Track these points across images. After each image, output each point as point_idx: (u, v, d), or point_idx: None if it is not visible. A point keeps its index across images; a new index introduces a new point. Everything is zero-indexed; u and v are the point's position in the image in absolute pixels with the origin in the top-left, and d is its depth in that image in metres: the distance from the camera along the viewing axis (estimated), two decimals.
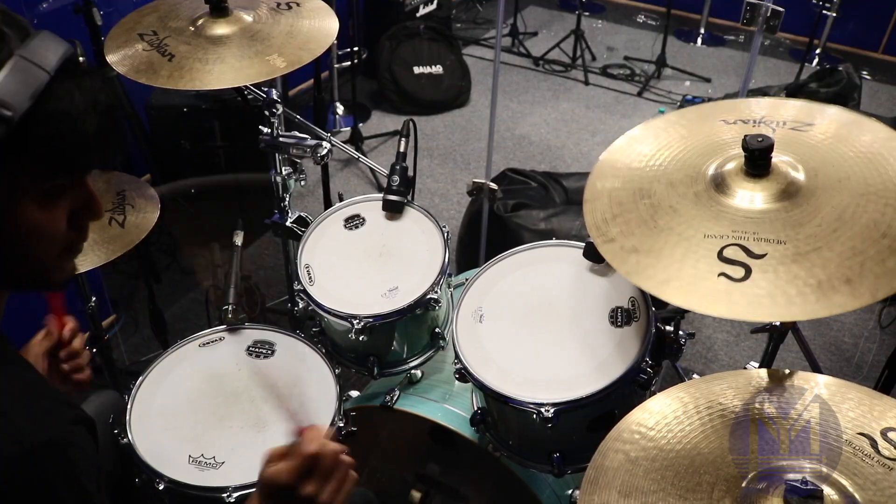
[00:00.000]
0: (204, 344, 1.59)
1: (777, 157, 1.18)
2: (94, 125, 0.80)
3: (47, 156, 0.79)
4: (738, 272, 1.07)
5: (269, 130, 1.88)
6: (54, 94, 0.77)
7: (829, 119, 1.29)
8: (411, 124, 1.82)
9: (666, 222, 1.18)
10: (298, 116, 2.18)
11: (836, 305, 1.00)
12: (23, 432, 0.79)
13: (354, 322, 1.55)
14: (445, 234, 1.67)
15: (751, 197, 1.16)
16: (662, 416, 1.06)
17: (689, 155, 1.28)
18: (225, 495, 1.30)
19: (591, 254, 1.48)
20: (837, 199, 1.13)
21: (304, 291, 1.61)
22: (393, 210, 1.73)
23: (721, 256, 1.10)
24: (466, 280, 1.58)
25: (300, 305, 1.64)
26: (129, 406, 1.44)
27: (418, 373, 1.76)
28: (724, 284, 1.07)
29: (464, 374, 1.42)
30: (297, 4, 1.78)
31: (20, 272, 0.87)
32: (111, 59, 1.63)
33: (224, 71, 1.59)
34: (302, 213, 2.05)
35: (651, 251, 1.15)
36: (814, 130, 1.26)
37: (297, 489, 0.93)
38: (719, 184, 1.20)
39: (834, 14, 4.65)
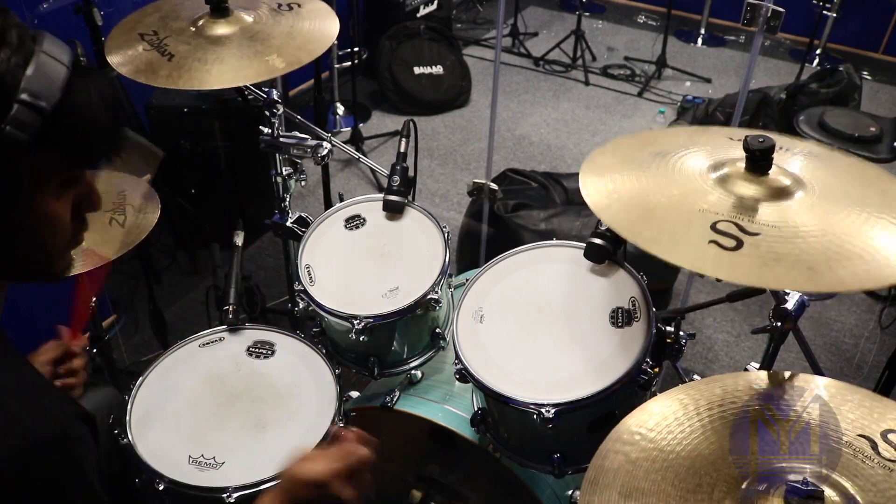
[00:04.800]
0: (204, 344, 1.59)
1: (778, 163, 1.19)
2: (108, 117, 0.85)
3: (72, 146, 0.83)
4: (730, 243, 1.07)
5: (270, 131, 1.88)
6: (73, 87, 0.81)
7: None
8: (412, 124, 1.82)
9: (661, 191, 1.18)
10: (299, 117, 2.18)
11: (825, 284, 1.01)
12: (29, 427, 0.81)
13: (355, 322, 1.55)
14: (446, 235, 1.67)
15: (750, 192, 1.17)
16: (663, 417, 1.06)
17: (689, 158, 1.28)
18: (225, 495, 1.30)
19: (592, 254, 1.48)
20: (837, 206, 1.14)
21: (305, 291, 1.61)
22: (393, 210, 1.73)
23: (714, 228, 1.10)
24: (467, 280, 1.58)
25: (300, 305, 1.64)
26: (129, 406, 1.44)
27: (418, 373, 1.76)
28: (714, 251, 1.06)
29: (464, 375, 1.41)
30: (298, 5, 1.78)
31: (31, 262, 0.89)
32: (112, 59, 1.64)
33: (224, 71, 1.59)
34: (302, 214, 2.05)
35: (643, 209, 1.15)
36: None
37: (328, 487, 0.99)
38: (720, 181, 1.20)
39: (834, 14, 4.65)
